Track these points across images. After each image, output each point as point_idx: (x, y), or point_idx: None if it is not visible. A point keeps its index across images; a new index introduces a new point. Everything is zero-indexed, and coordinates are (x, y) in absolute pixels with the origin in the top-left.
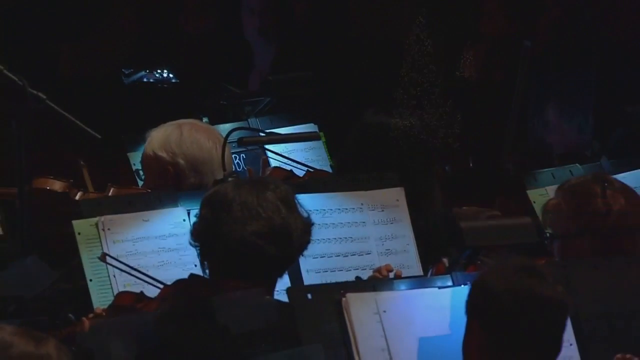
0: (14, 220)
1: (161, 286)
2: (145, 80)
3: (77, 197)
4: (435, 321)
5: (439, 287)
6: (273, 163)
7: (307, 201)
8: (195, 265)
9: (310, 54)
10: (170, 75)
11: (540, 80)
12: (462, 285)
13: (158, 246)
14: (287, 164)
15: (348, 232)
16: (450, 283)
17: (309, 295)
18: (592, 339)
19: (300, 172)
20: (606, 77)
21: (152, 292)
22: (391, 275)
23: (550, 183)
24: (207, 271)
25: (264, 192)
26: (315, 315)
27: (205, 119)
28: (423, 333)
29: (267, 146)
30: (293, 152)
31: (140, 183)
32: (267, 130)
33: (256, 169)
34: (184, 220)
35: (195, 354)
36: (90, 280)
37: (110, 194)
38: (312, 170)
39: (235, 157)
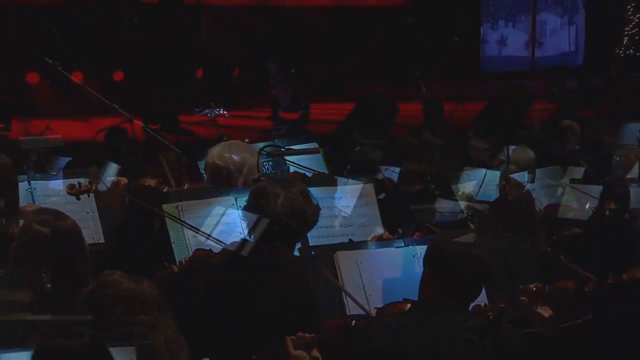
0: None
1: (221, 246)
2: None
3: (165, 190)
4: (393, 268)
5: (396, 247)
6: (290, 168)
7: (313, 192)
8: (240, 233)
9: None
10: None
11: None
12: (410, 246)
13: (217, 221)
14: (299, 167)
15: (338, 212)
16: (402, 244)
17: (313, 252)
18: (493, 280)
19: (308, 174)
20: (514, 115)
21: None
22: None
23: None
24: (252, 237)
25: (289, 187)
26: (318, 266)
27: (246, 140)
28: (386, 276)
29: (286, 157)
30: (302, 161)
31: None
32: (286, 147)
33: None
34: (233, 204)
35: (244, 287)
36: (174, 242)
37: (185, 187)
38: (315, 172)
39: (265, 164)
